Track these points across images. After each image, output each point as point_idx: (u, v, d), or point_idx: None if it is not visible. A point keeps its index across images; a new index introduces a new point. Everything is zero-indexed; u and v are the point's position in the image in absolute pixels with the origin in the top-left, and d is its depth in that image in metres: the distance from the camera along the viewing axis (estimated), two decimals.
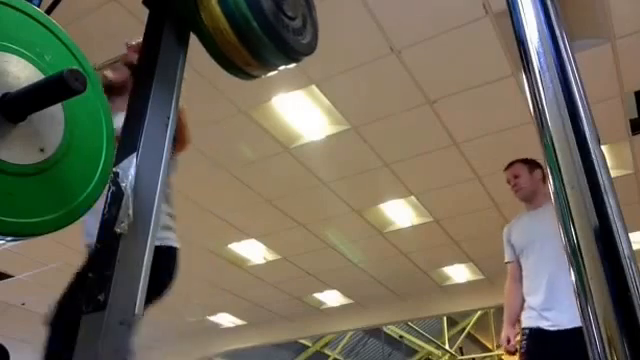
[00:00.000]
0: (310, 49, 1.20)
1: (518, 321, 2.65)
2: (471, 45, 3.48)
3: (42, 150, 0.74)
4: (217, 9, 1.03)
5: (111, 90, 1.82)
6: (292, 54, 1.13)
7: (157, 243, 0.87)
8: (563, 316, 2.34)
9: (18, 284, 6.29)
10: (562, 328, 2.34)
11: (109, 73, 1.92)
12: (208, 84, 3.64)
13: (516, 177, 2.69)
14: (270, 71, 1.18)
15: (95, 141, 0.82)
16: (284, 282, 6.92)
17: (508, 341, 2.59)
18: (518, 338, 2.60)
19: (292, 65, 1.19)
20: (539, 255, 2.55)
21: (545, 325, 2.44)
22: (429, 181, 4.95)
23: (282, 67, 1.17)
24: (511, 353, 2.65)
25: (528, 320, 2.53)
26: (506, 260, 2.75)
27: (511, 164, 2.76)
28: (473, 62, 3.64)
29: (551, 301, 2.44)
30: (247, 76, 1.15)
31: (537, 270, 2.55)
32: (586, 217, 0.64)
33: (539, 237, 2.55)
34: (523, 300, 2.61)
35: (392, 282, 6.99)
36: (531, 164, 2.72)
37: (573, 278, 0.64)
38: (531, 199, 2.69)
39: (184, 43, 1.06)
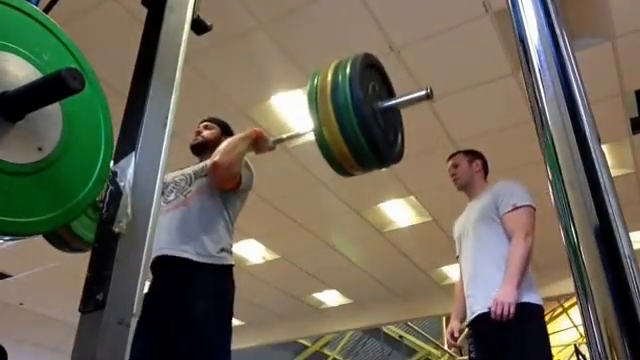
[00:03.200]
0: (399, 158, 1.56)
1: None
2: (471, 44, 3.48)
3: (40, 149, 0.74)
4: (336, 127, 1.35)
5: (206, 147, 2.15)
6: (385, 162, 1.49)
7: None
8: (477, 303, 2.33)
9: (16, 284, 6.28)
10: (476, 314, 2.33)
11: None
12: (207, 84, 3.63)
13: (455, 167, 2.70)
14: (364, 172, 1.52)
15: (93, 140, 0.81)
16: (283, 282, 6.92)
17: (452, 335, 2.56)
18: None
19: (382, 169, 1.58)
20: (465, 249, 2.53)
21: (469, 317, 2.41)
22: (429, 181, 4.94)
23: (374, 170, 1.52)
24: (454, 345, 2.63)
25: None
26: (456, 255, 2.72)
27: (453, 155, 2.78)
28: (473, 61, 3.63)
29: (469, 291, 2.43)
30: (346, 173, 1.48)
31: (465, 265, 2.52)
32: (586, 217, 0.63)
33: (466, 230, 2.54)
34: None
35: (392, 282, 6.99)
36: (472, 155, 2.73)
37: (573, 278, 0.64)
38: (468, 189, 2.67)
39: (182, 43, 1.06)
